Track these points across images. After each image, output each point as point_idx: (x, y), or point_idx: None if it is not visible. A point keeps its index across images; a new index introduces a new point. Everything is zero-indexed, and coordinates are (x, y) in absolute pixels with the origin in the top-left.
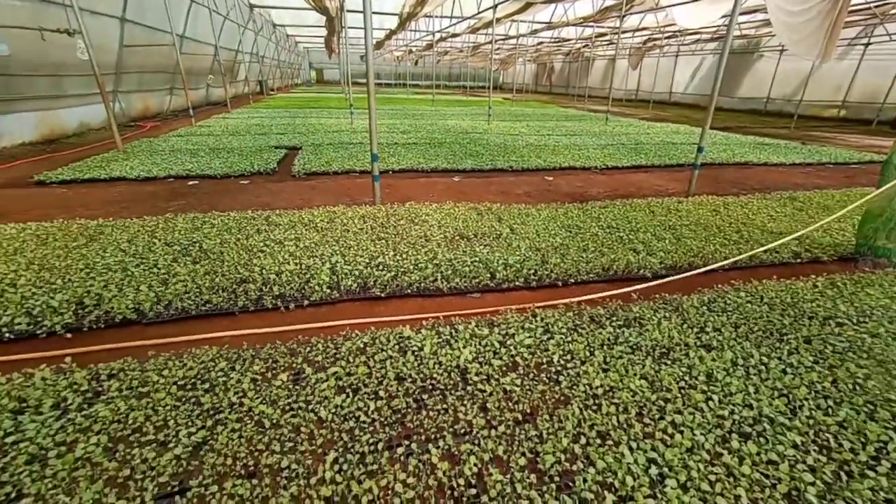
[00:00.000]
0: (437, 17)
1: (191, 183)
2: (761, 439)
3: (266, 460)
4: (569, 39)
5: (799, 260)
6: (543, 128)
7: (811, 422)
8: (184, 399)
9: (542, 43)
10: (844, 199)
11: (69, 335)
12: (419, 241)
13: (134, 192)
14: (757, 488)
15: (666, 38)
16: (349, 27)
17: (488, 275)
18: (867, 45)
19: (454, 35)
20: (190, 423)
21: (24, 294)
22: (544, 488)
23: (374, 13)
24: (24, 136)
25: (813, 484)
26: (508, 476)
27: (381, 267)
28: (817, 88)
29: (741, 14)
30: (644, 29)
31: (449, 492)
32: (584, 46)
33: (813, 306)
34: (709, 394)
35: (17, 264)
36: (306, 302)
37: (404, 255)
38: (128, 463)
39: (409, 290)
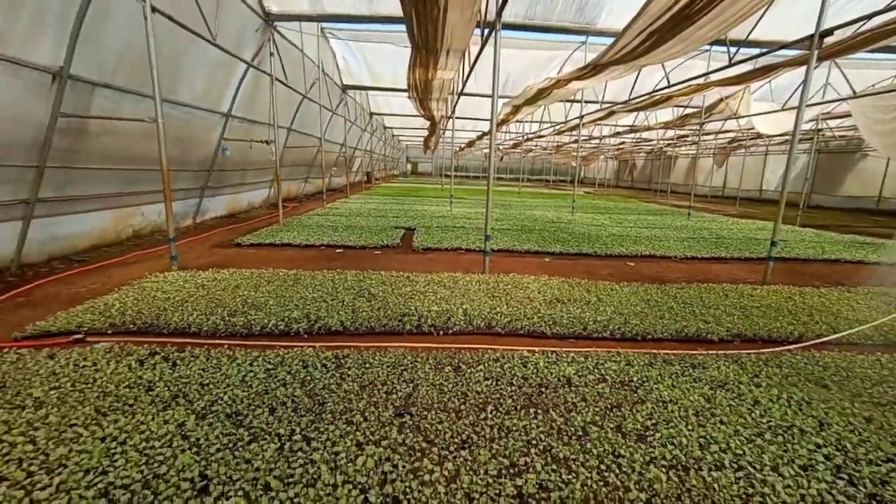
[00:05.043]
0: (526, 121)
1: (338, 250)
2: (791, 438)
3: (450, 404)
4: (651, 140)
5: (870, 341)
6: (625, 220)
7: (836, 436)
8: (391, 372)
9: (624, 142)
10: None
11: (306, 336)
12: (525, 300)
13: (300, 254)
14: (780, 461)
15: (751, 138)
16: (446, 129)
17: (581, 327)
18: None
19: (540, 136)
20: (401, 384)
21: (275, 310)
22: (629, 442)
23: (471, 118)
24: (218, 212)
25: (826, 460)
26: (606, 434)
27: (498, 314)
28: None
29: (832, 119)
30: (728, 131)
31: (564, 436)
32: (666, 146)
33: (868, 372)
34: (753, 410)
35: (261, 292)
36: (450, 331)
37: (515, 309)
38: (372, 399)
39: (521, 332)
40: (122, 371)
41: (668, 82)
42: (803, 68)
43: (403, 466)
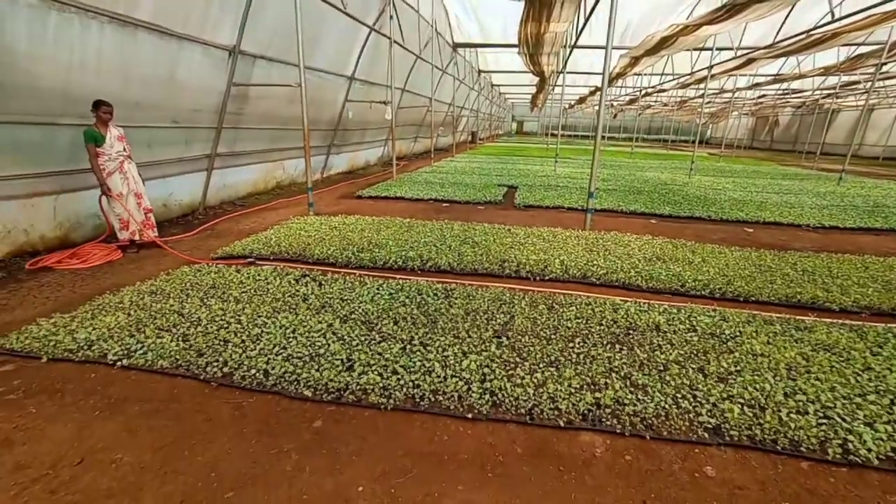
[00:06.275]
0: (645, 74)
1: (445, 205)
2: None
3: (542, 333)
4: (802, 91)
5: None
6: (752, 185)
7: None
8: (492, 305)
9: (764, 95)
10: None
11: (419, 272)
12: (623, 256)
13: (411, 206)
14: (878, 420)
15: None
16: (556, 85)
17: (679, 284)
18: None
19: (661, 90)
20: (499, 314)
21: (394, 250)
22: (709, 381)
23: (583, 73)
24: (341, 168)
25: None
26: (687, 372)
27: (594, 266)
28: None
29: None
30: None
31: (645, 369)
32: (824, 97)
33: None
34: (860, 374)
35: (382, 236)
36: (546, 278)
37: (612, 263)
38: (475, 322)
39: (616, 283)
40: (285, 286)
41: (834, 15)
42: None
43: (500, 372)
